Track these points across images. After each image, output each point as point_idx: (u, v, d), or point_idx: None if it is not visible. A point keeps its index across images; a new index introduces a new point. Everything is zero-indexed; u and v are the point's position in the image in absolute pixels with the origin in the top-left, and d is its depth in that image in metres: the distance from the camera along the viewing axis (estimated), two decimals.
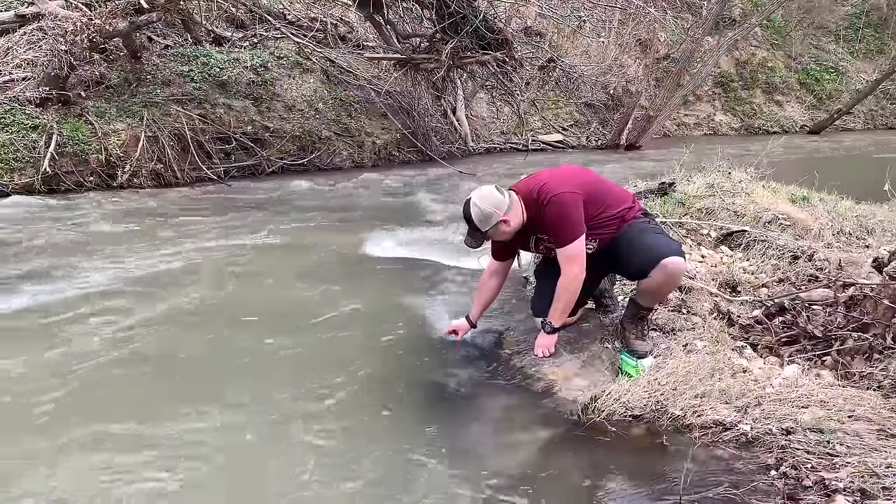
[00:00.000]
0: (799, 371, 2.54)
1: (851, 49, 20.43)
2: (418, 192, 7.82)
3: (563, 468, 2.14)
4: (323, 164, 9.35)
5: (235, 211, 6.39)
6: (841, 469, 1.93)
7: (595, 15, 14.61)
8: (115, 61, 7.94)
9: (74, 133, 6.98)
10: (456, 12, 7.82)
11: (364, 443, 2.26)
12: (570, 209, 2.54)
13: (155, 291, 3.75)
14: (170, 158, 7.63)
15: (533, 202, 2.62)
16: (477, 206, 2.57)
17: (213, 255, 4.61)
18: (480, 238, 2.65)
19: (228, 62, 8.88)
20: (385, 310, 3.52)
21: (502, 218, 2.57)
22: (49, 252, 4.58)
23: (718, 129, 17.21)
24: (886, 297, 2.64)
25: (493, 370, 2.77)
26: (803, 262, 3.62)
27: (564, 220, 2.54)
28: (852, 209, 4.67)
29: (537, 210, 2.60)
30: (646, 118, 13.63)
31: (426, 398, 2.58)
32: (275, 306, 3.63)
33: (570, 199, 2.55)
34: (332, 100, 9.76)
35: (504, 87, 10.01)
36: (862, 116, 19.11)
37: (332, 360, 2.88)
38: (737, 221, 4.26)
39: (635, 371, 2.58)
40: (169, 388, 2.64)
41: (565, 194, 2.55)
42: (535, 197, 2.61)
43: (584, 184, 2.65)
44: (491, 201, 2.58)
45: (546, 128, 13.41)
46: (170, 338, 3.12)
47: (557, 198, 2.55)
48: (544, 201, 2.56)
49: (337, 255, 4.73)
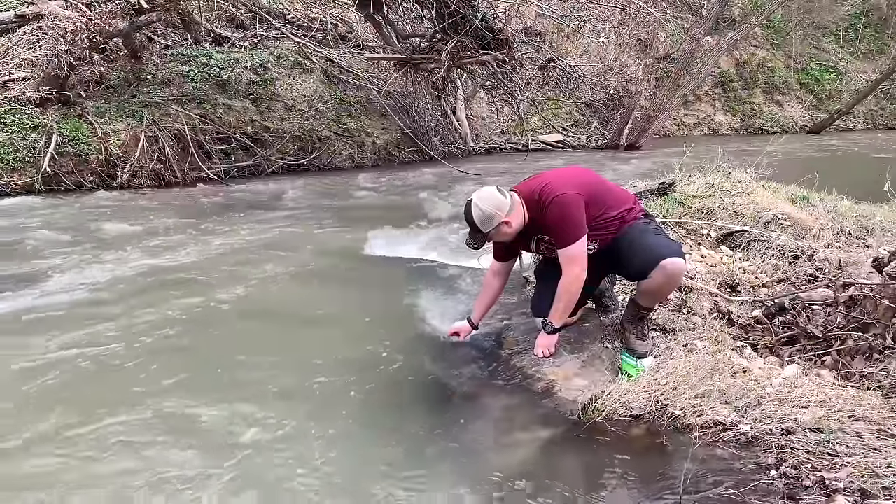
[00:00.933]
0: (799, 371, 2.54)
1: (851, 49, 20.44)
2: (418, 192, 7.81)
3: (563, 468, 2.14)
4: (323, 164, 9.36)
5: (235, 211, 6.39)
6: (841, 469, 1.93)
7: (595, 15, 14.62)
8: (115, 61, 7.95)
9: (74, 133, 6.98)
10: (456, 12, 7.82)
11: (363, 443, 2.26)
12: (571, 210, 2.53)
13: (155, 291, 3.75)
14: (170, 158, 7.64)
15: (535, 203, 2.61)
16: (478, 207, 2.56)
17: (212, 256, 4.61)
18: (482, 239, 2.64)
19: (228, 62, 8.89)
20: (384, 310, 3.51)
21: (504, 219, 2.57)
22: (49, 252, 4.57)
23: (718, 129, 17.22)
24: (886, 297, 2.64)
25: (493, 370, 2.77)
26: (803, 262, 3.62)
27: (566, 220, 2.54)
28: (852, 209, 4.67)
29: (539, 211, 2.60)
30: (646, 118, 13.64)
31: (426, 398, 2.58)
32: (274, 306, 3.63)
33: (571, 200, 2.54)
34: (332, 100, 9.76)
35: (504, 87, 10.02)
36: (862, 116, 19.12)
37: (330, 360, 2.88)
38: (737, 221, 4.26)
39: (635, 371, 2.58)
40: (173, 384, 2.64)
41: (567, 195, 2.55)
42: (536, 198, 2.60)
43: (586, 184, 2.65)
44: (492, 202, 2.57)
45: (546, 128, 13.42)
46: (170, 337, 3.12)
47: (559, 198, 2.54)
48: (546, 202, 2.56)
49: (336, 255, 4.73)
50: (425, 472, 2.11)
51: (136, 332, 3.15)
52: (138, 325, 3.24)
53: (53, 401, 2.49)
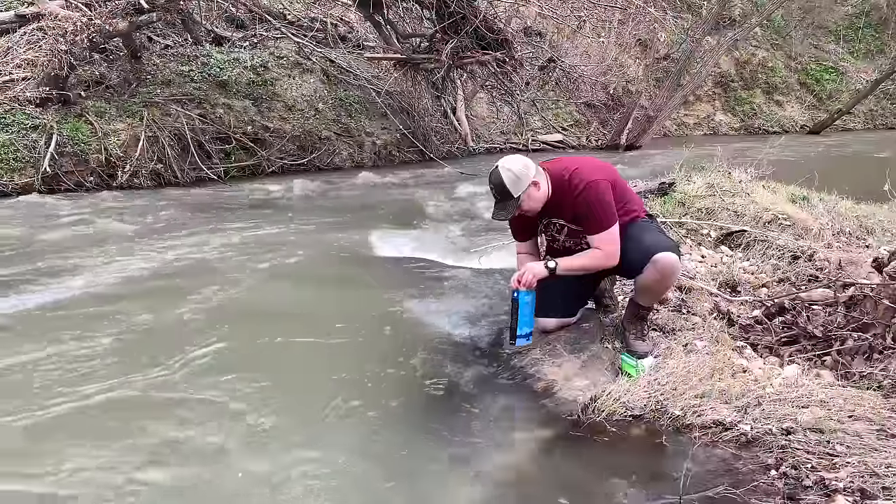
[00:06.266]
0: (799, 371, 2.54)
1: (851, 49, 20.45)
2: (418, 193, 7.81)
3: (564, 468, 2.14)
4: (323, 164, 9.35)
5: (235, 211, 6.39)
6: (841, 469, 1.93)
7: (595, 15, 14.61)
8: (115, 61, 7.94)
9: (74, 133, 6.98)
10: (456, 12, 7.83)
11: (363, 443, 2.26)
12: (607, 196, 2.53)
13: (153, 292, 3.75)
14: (170, 158, 7.63)
15: (564, 183, 2.58)
16: (508, 169, 2.53)
17: (212, 255, 4.61)
18: (512, 206, 2.55)
19: (228, 62, 8.89)
20: (384, 310, 3.51)
21: (533, 179, 2.54)
22: (50, 252, 4.57)
23: (718, 129, 17.23)
24: (886, 297, 2.64)
25: (493, 370, 2.77)
26: (803, 262, 3.62)
27: (603, 205, 2.52)
28: (852, 209, 4.67)
29: (566, 192, 2.57)
30: (646, 118, 13.63)
31: (426, 398, 2.58)
32: (272, 306, 3.63)
33: (605, 188, 2.54)
34: (332, 100, 9.76)
35: (504, 87, 10.03)
36: (862, 116, 19.13)
37: (329, 360, 2.88)
38: (737, 221, 4.26)
39: (635, 371, 2.58)
40: (179, 381, 2.64)
41: (601, 181, 2.54)
42: (566, 178, 2.57)
43: (612, 177, 2.64)
44: (520, 163, 2.56)
45: (546, 128, 13.42)
46: (171, 337, 3.11)
47: (594, 184, 2.53)
48: (578, 185, 2.54)
49: (336, 256, 4.73)
50: (424, 472, 2.11)
51: (135, 332, 3.15)
52: (137, 326, 3.23)
53: (56, 396, 2.49)
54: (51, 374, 2.70)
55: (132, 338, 3.09)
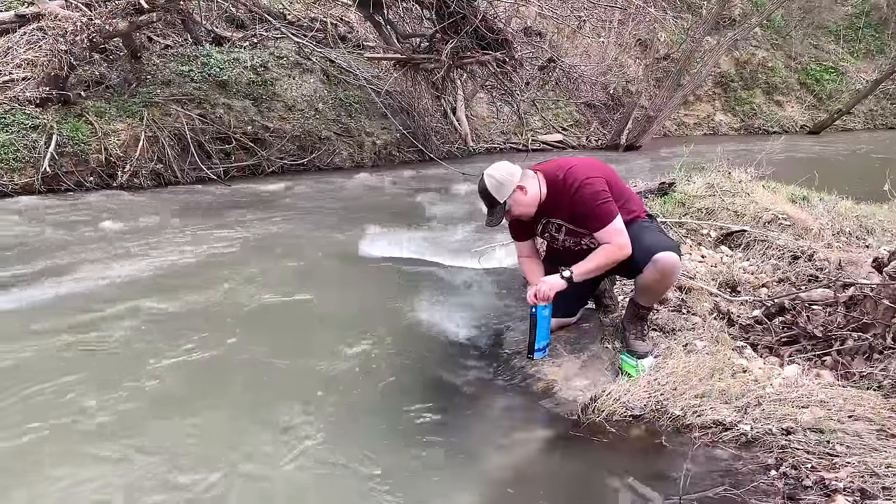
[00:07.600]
0: (799, 371, 2.54)
1: (851, 49, 20.46)
2: (418, 193, 7.81)
3: (563, 468, 2.14)
4: (323, 164, 9.36)
5: (235, 211, 6.38)
6: (841, 469, 1.93)
7: (595, 15, 14.60)
8: (115, 61, 7.94)
9: (74, 133, 6.98)
10: (456, 12, 7.82)
11: (363, 443, 2.26)
12: (604, 193, 2.54)
13: (152, 291, 3.75)
14: (170, 158, 7.64)
15: (559, 182, 2.59)
16: (491, 177, 2.58)
17: (212, 255, 4.61)
18: (500, 213, 2.60)
19: (228, 62, 8.89)
20: (383, 310, 3.51)
21: (518, 184, 2.56)
22: (50, 252, 4.57)
23: (718, 129, 17.22)
24: (886, 297, 2.64)
25: (493, 370, 2.77)
26: (803, 262, 3.62)
27: (600, 200, 2.53)
28: (852, 209, 4.67)
29: (561, 191, 2.59)
30: (646, 118, 13.63)
31: (426, 398, 2.58)
32: (271, 306, 3.62)
33: (601, 186, 2.55)
34: (332, 100, 9.76)
35: (504, 87, 10.02)
36: (862, 116, 19.13)
37: (329, 361, 2.87)
38: (737, 221, 4.26)
39: (635, 371, 2.58)
40: (172, 383, 2.64)
41: (596, 179, 2.56)
42: (561, 177, 2.59)
43: (609, 176, 2.65)
44: (504, 170, 2.59)
45: (546, 128, 13.41)
46: (171, 337, 3.11)
47: (590, 181, 2.54)
48: (573, 183, 2.55)
49: (336, 256, 4.72)
50: (425, 472, 2.11)
51: (135, 332, 3.15)
52: (137, 325, 3.23)
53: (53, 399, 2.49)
54: (50, 373, 2.70)
55: (132, 337, 3.09)
